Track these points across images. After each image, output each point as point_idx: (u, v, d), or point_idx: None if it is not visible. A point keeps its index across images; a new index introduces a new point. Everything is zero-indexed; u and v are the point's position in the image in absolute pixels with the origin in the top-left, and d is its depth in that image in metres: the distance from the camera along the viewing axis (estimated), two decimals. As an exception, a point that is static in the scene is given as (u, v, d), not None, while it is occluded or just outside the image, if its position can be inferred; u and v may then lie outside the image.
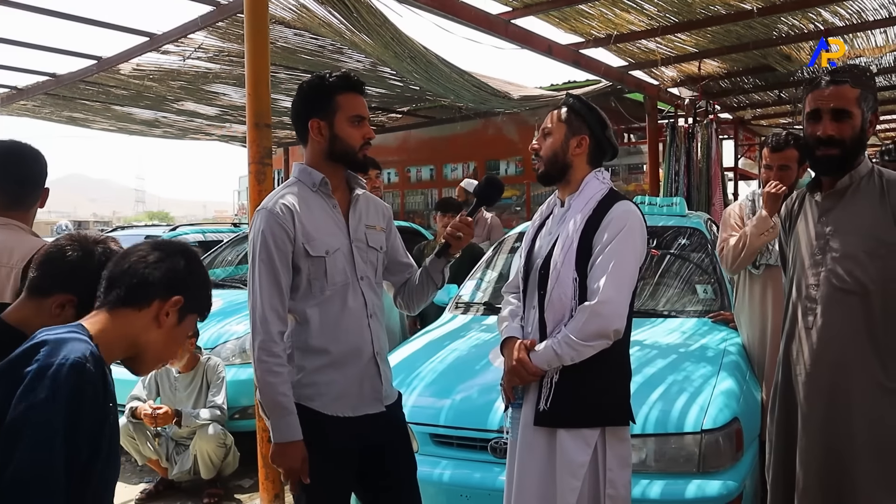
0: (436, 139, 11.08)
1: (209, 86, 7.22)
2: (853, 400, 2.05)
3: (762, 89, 8.17)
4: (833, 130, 2.10)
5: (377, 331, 2.23)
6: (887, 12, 5.53)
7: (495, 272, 4.56)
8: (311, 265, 2.11)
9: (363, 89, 2.23)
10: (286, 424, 2.05)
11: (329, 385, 2.13)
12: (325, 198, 2.20)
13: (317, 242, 2.11)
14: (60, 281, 1.64)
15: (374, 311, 2.22)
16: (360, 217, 2.26)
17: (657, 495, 2.53)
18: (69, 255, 1.66)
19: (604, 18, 5.63)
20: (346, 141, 2.17)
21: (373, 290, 2.25)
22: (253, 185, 3.63)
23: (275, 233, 2.07)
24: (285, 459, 2.05)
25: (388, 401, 2.26)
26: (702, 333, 3.45)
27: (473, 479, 2.74)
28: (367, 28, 4.93)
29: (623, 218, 2.12)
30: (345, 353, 2.15)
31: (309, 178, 2.19)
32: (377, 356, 2.21)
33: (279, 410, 2.05)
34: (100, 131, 10.03)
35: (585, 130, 2.25)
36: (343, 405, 2.14)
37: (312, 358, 2.13)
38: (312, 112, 2.16)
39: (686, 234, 4.35)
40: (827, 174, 2.19)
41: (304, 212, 2.12)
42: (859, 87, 2.10)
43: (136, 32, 5.69)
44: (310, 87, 2.19)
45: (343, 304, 2.15)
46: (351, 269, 2.18)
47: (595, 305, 2.05)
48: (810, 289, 2.16)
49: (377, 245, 2.29)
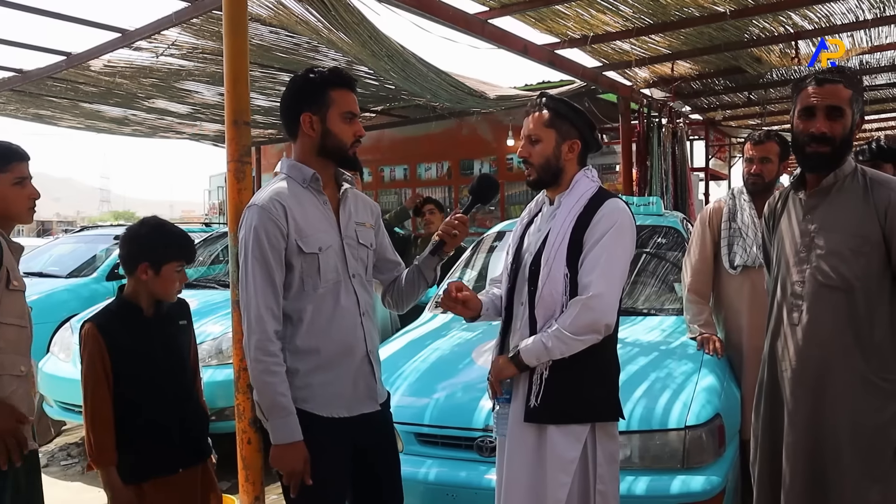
0: (410, 139, 11.05)
1: (182, 83, 7.12)
2: (838, 394, 2.09)
3: (732, 91, 8.31)
4: (826, 128, 2.13)
5: (370, 329, 2.22)
6: (854, 16, 5.66)
7: (475, 271, 4.57)
8: (305, 262, 2.08)
9: (356, 86, 2.20)
10: (286, 425, 2.01)
11: (323, 386, 2.10)
12: (316, 194, 2.17)
13: (310, 239, 2.09)
14: (133, 258, 2.38)
15: (366, 309, 2.21)
16: (350, 214, 2.25)
17: (642, 491, 2.56)
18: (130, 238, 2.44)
19: (580, 19, 5.67)
20: (338, 137, 2.14)
21: (364, 288, 2.24)
22: (232, 183, 3.57)
23: (268, 229, 2.04)
24: (287, 462, 2.02)
25: (382, 398, 2.27)
26: (681, 331, 3.48)
27: (459, 478, 2.74)
28: (344, 26, 4.89)
29: (614, 215, 2.14)
30: (338, 353, 2.13)
31: (299, 173, 2.16)
32: (370, 354, 2.21)
33: (278, 411, 2.01)
34: (66, 129, 9.83)
35: (576, 134, 2.24)
36: (338, 406, 2.12)
37: (305, 359, 2.10)
38: (305, 106, 2.13)
39: (663, 233, 4.41)
40: (815, 171, 2.21)
41: (297, 208, 2.09)
42: (851, 89, 2.14)
43: (107, 28, 5.57)
44: (303, 80, 2.15)
45: (336, 302, 2.13)
46: (343, 266, 2.17)
47: (587, 300, 2.06)
48: (795, 286, 2.19)
49: (367, 242, 2.28)
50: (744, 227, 3.37)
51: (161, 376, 2.39)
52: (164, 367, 2.40)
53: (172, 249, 2.42)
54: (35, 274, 7.24)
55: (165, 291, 2.43)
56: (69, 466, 4.87)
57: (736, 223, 3.40)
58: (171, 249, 2.42)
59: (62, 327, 5.57)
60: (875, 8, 5.48)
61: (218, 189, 20.92)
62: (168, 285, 2.41)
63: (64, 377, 4.77)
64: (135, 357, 2.35)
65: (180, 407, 2.43)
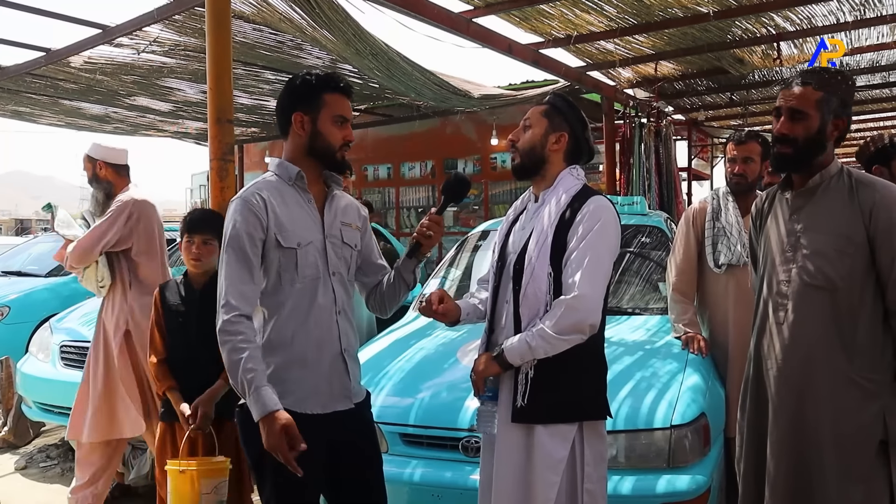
0: (393, 137, 11.04)
1: (163, 81, 7.05)
2: (822, 392, 2.10)
3: (715, 91, 8.37)
4: (786, 129, 2.16)
5: (345, 328, 2.24)
6: (835, 18, 5.72)
7: (459, 271, 4.56)
8: (282, 256, 2.13)
9: (351, 93, 2.26)
10: (258, 398, 1.96)
11: (298, 382, 2.13)
12: (301, 192, 2.21)
13: (289, 234, 2.13)
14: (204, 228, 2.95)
15: (342, 307, 2.23)
16: (335, 213, 2.28)
17: (628, 491, 2.56)
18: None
19: (564, 19, 5.68)
20: (327, 138, 2.19)
21: (343, 287, 2.26)
22: (214, 181, 3.55)
23: (248, 220, 2.09)
24: (268, 435, 1.95)
25: (357, 398, 2.27)
26: (666, 330, 3.49)
27: (445, 479, 2.72)
28: (328, 24, 4.86)
29: (597, 213, 2.13)
30: (311, 349, 2.15)
31: (285, 171, 2.21)
32: (345, 353, 2.22)
33: (248, 387, 1.98)
34: (46, 126, 9.71)
35: (566, 128, 2.26)
36: (314, 403, 2.14)
37: (280, 354, 2.12)
38: (297, 106, 2.19)
39: (647, 233, 4.42)
40: (778, 171, 2.29)
41: (279, 203, 2.14)
42: (823, 91, 2.14)
43: (87, 24, 5.50)
44: (300, 81, 2.22)
45: (312, 299, 2.16)
46: (323, 263, 2.20)
47: (570, 300, 2.05)
48: (781, 285, 2.20)
49: (352, 242, 2.31)
50: (728, 226, 3.38)
51: (195, 338, 2.83)
52: (199, 331, 2.76)
53: (183, 225, 2.98)
54: (14, 273, 7.14)
55: (186, 262, 2.98)
56: (48, 468, 4.80)
57: (720, 222, 3.42)
58: (182, 225, 2.99)
59: (41, 327, 5.47)
60: (856, 10, 5.54)
61: (200, 188, 20.77)
62: (185, 255, 2.96)
63: (43, 378, 4.69)
64: (177, 317, 2.95)
65: (207, 369, 2.79)
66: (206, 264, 2.94)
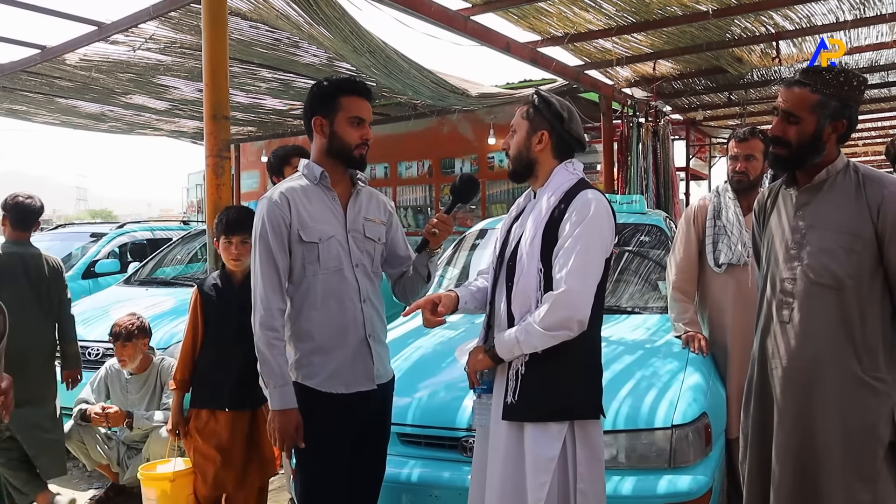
0: (390, 137, 10.99)
1: (159, 79, 7.01)
2: (829, 393, 2.06)
3: (713, 91, 8.35)
4: (779, 131, 2.14)
5: (370, 315, 2.40)
6: (835, 17, 5.71)
7: (457, 269, 4.53)
8: (305, 250, 2.31)
9: (369, 95, 2.41)
10: (280, 393, 2.24)
11: (323, 365, 2.33)
12: (325, 190, 2.38)
13: (310, 229, 2.31)
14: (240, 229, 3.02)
15: (367, 296, 2.40)
16: (359, 209, 2.44)
17: (629, 491, 2.52)
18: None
19: (562, 17, 5.66)
20: (344, 139, 2.35)
21: (368, 278, 2.42)
22: (210, 178, 3.52)
23: (272, 219, 2.28)
24: (279, 425, 2.23)
25: (381, 380, 2.42)
26: (665, 329, 3.46)
27: (443, 479, 2.69)
28: (325, 21, 4.84)
29: (587, 205, 2.09)
30: (334, 335, 2.33)
31: (311, 172, 2.39)
32: (370, 338, 2.38)
33: (275, 379, 2.24)
34: (41, 125, 9.66)
35: (545, 125, 2.23)
36: (337, 383, 2.33)
37: (306, 340, 2.33)
38: (317, 110, 2.37)
39: (646, 231, 4.40)
40: (776, 170, 2.29)
41: (302, 201, 2.32)
42: (820, 94, 2.09)
43: (83, 21, 5.48)
44: (318, 87, 2.40)
45: (336, 288, 2.33)
46: (346, 256, 2.36)
47: (558, 295, 2.02)
48: (785, 283, 2.17)
49: (375, 237, 2.46)
50: (728, 224, 3.35)
51: (230, 332, 3.00)
52: (234, 324, 2.93)
53: (219, 226, 3.11)
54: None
55: (226, 261, 3.11)
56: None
57: (721, 221, 3.39)
58: (218, 226, 3.12)
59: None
60: (855, 9, 5.52)
61: (196, 187, 20.73)
62: (225, 255, 3.10)
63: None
64: (216, 312, 3.10)
65: (237, 361, 3.00)
66: (244, 262, 3.06)
